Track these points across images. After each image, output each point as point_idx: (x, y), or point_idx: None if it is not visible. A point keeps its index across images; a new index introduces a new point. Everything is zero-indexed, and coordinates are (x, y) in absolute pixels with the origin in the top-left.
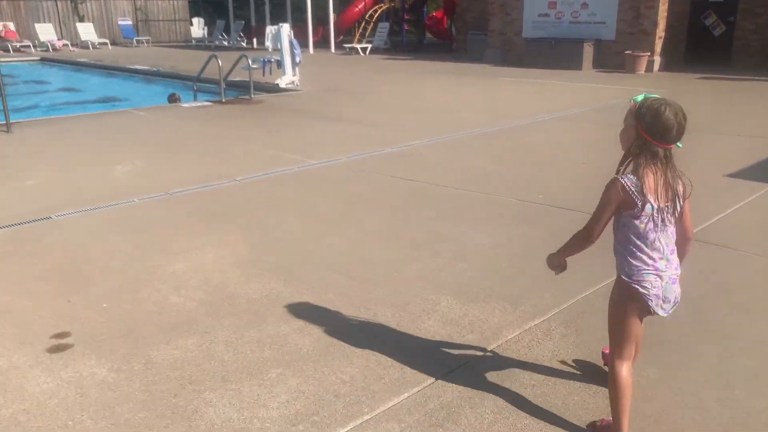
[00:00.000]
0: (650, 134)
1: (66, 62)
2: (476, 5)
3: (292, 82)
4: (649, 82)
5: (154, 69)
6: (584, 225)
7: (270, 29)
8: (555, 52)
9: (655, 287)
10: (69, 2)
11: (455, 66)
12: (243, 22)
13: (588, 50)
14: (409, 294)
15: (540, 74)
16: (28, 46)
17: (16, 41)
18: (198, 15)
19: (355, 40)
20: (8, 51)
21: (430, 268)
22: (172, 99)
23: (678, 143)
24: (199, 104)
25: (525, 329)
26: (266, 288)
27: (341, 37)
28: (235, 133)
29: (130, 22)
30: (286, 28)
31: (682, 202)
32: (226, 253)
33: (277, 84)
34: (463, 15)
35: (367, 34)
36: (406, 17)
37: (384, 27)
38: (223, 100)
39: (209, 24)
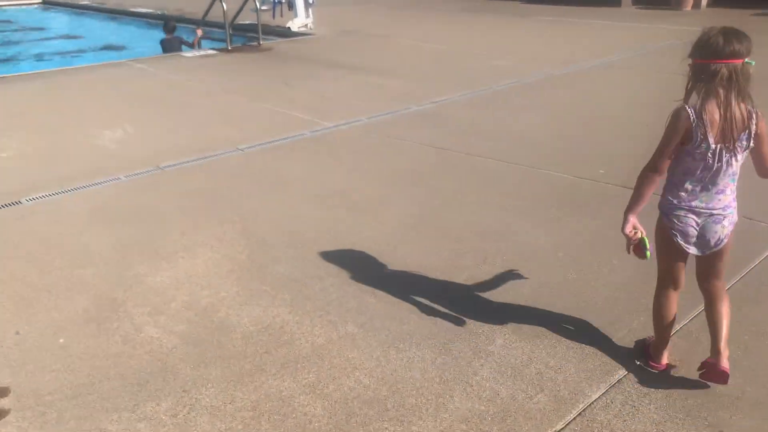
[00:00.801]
0: (702, 55)
1: (68, 5)
2: None
3: (305, 25)
4: (697, 20)
5: (159, 12)
6: (647, 163)
7: None
8: None
9: (682, 223)
10: None
11: (484, 3)
12: None
13: None
14: (454, 329)
15: (575, 12)
16: None
17: None
18: None
19: None
20: None
21: (476, 279)
22: (169, 27)
23: (747, 60)
24: (202, 53)
25: (614, 382)
26: (267, 314)
27: None
28: (240, 88)
29: None
30: None
31: (750, 141)
32: (220, 257)
33: (289, 27)
34: None
35: None
36: None
37: None
38: (229, 48)
39: None
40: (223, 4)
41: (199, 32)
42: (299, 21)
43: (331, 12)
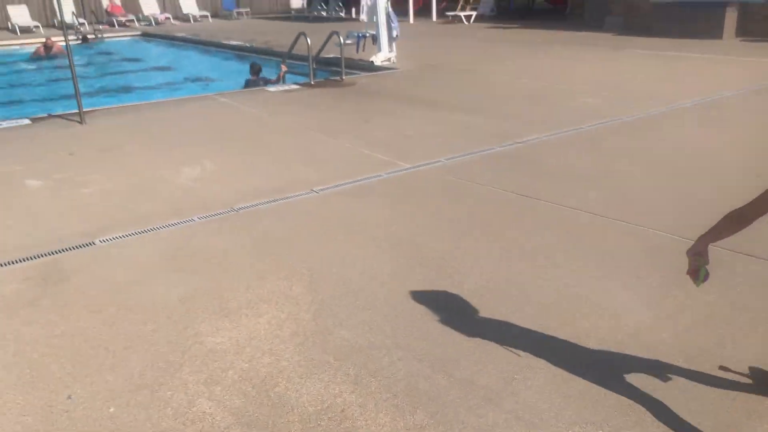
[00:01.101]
0: None
1: (164, 37)
2: None
3: (389, 59)
4: None
5: (247, 44)
6: (740, 207)
7: (365, 0)
8: (690, 18)
9: None
10: None
11: (571, 35)
12: None
13: (731, 15)
14: (540, 424)
15: (672, 45)
16: (133, 20)
17: (122, 15)
18: None
19: (458, 7)
20: (113, 26)
21: (566, 362)
22: (254, 70)
23: None
24: (285, 88)
25: None
26: (328, 392)
27: (444, 4)
28: (319, 124)
29: None
30: (383, 0)
31: None
32: (284, 317)
33: (372, 62)
34: None
35: (470, 1)
36: None
37: None
38: (312, 83)
39: None
40: (307, 39)
41: (284, 68)
42: (382, 55)
43: (415, 45)
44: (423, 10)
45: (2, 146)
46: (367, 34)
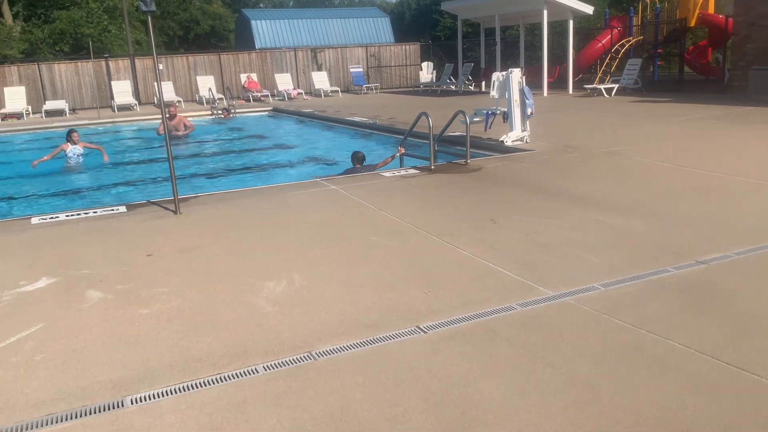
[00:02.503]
0: None
1: (293, 113)
2: (761, 33)
3: (521, 139)
4: None
5: (371, 121)
6: None
7: (497, 75)
8: None
9: None
10: (309, 51)
11: (735, 111)
12: (472, 64)
13: None
14: None
15: None
16: (268, 96)
17: (257, 91)
18: (428, 59)
19: (597, 79)
20: (249, 101)
21: None
22: (357, 159)
23: None
24: (402, 173)
25: None
26: None
27: (580, 76)
28: (436, 222)
29: (361, 70)
30: (516, 75)
31: None
32: None
33: (503, 141)
34: (741, 45)
35: (611, 71)
36: (659, 51)
37: (635, 63)
38: (432, 167)
39: (438, 67)
40: (429, 119)
41: (401, 149)
42: (514, 134)
43: (551, 121)
44: (558, 82)
45: (83, 242)
46: (498, 111)
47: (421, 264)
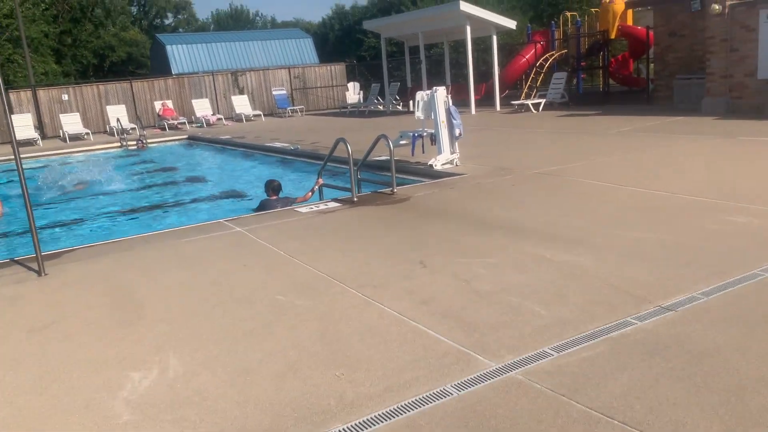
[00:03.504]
0: None
1: (210, 141)
2: (682, 42)
3: (451, 162)
4: None
5: (292, 147)
6: None
7: (421, 95)
8: None
9: None
10: (230, 75)
11: (664, 122)
12: (398, 83)
13: None
14: None
15: None
16: (185, 123)
17: (173, 119)
18: (355, 79)
19: (524, 94)
20: (165, 129)
21: None
22: (271, 188)
23: None
24: (321, 207)
25: None
26: None
27: (506, 92)
28: (358, 270)
29: (284, 92)
30: (441, 93)
31: None
32: None
33: (432, 165)
34: (664, 55)
35: (537, 85)
36: (582, 64)
37: (560, 77)
38: (355, 199)
39: (365, 88)
40: (348, 146)
41: (320, 181)
42: (443, 157)
43: (481, 141)
44: (485, 99)
45: None
46: (424, 133)
47: (336, 331)
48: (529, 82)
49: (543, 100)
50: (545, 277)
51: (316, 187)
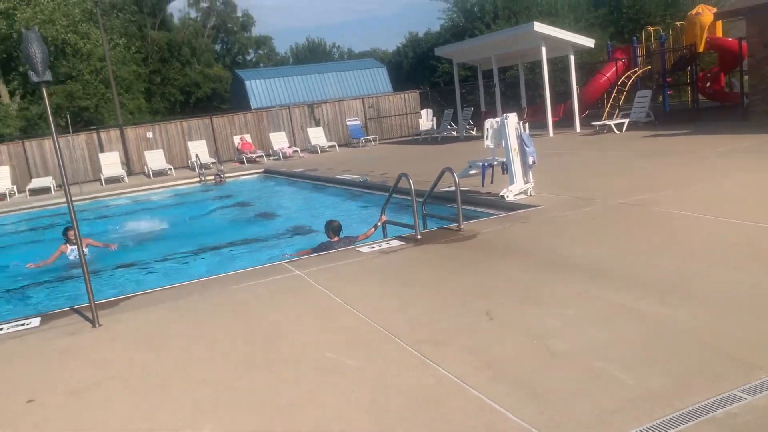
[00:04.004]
0: None
1: (284, 174)
2: None
3: (524, 191)
4: None
5: (361, 179)
6: None
7: (490, 123)
8: None
9: None
10: (306, 108)
11: (762, 140)
12: (471, 108)
13: None
14: None
15: None
16: (262, 156)
17: (251, 152)
18: (428, 106)
19: (606, 114)
20: (243, 163)
21: None
22: (332, 229)
23: None
24: (384, 246)
25: None
26: None
27: (587, 113)
28: (416, 323)
29: (357, 122)
30: (512, 120)
31: None
32: None
33: (503, 196)
34: (759, 68)
35: (620, 105)
36: (668, 80)
37: (644, 95)
38: (418, 237)
39: (438, 114)
40: (410, 181)
41: (383, 218)
42: (516, 188)
43: (558, 167)
44: (564, 121)
45: None
46: (495, 162)
47: (386, 401)
48: (611, 102)
49: (626, 120)
50: (631, 333)
51: (379, 223)
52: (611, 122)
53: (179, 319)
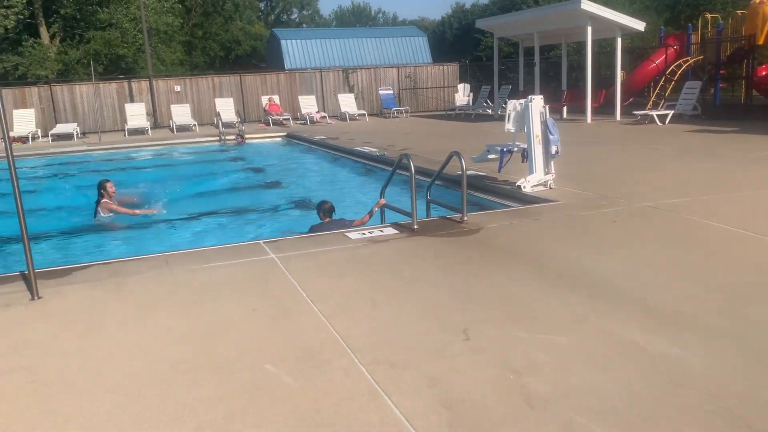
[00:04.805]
0: None
1: (305, 140)
2: None
3: (544, 183)
4: None
5: (378, 153)
6: None
7: (513, 104)
8: None
9: None
10: (341, 72)
11: None
12: (509, 86)
13: None
14: None
15: None
16: (289, 119)
17: (278, 115)
18: (466, 80)
19: (650, 103)
20: (269, 125)
21: None
22: (323, 210)
23: None
24: (376, 233)
25: None
26: None
27: (630, 100)
28: (389, 332)
29: (390, 92)
30: (537, 104)
31: None
32: None
33: (520, 186)
34: None
35: (666, 95)
36: (721, 72)
37: (693, 87)
38: (415, 227)
39: (475, 89)
40: (411, 162)
41: (381, 201)
42: (535, 178)
43: (589, 157)
44: (605, 107)
45: None
46: (515, 149)
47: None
48: (657, 90)
49: (671, 112)
50: (631, 379)
51: (376, 208)
52: (654, 113)
53: (123, 300)
